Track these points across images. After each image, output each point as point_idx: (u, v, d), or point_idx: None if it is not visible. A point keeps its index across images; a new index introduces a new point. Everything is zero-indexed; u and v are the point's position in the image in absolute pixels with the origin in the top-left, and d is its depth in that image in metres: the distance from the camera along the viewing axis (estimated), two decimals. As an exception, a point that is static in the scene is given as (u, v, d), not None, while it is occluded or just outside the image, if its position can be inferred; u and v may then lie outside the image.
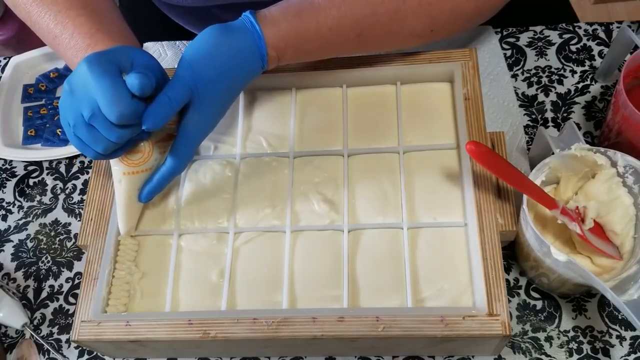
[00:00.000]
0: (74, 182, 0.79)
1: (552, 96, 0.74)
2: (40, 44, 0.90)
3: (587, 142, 0.60)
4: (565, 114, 0.73)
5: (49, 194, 0.79)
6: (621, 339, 0.61)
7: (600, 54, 0.76)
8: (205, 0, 0.74)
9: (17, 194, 0.80)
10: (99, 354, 0.68)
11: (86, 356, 0.68)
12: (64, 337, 0.70)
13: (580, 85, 0.75)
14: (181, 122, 0.58)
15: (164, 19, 0.87)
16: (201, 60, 0.56)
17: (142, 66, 0.54)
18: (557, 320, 0.63)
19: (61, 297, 0.72)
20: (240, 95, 0.70)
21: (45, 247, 0.76)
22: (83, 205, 0.76)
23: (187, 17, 0.83)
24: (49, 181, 0.80)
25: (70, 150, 0.79)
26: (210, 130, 0.60)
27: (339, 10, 0.59)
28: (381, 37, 0.62)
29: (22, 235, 0.77)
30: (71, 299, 0.72)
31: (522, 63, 0.77)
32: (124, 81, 0.52)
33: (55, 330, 0.71)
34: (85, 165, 0.80)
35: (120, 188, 0.61)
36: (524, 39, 0.78)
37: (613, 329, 0.62)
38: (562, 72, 0.76)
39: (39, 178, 0.80)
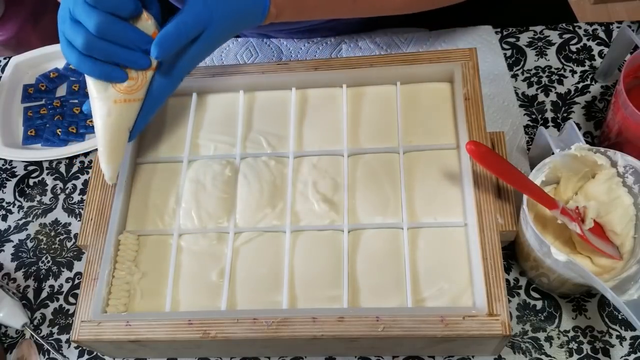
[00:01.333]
0: (74, 182, 0.79)
1: (552, 96, 0.74)
2: (40, 44, 0.90)
3: (587, 142, 0.60)
4: (565, 114, 0.73)
5: (49, 194, 0.79)
6: (621, 339, 0.61)
7: (600, 54, 0.76)
8: None
9: (17, 194, 0.80)
10: (99, 354, 0.68)
11: (86, 356, 0.68)
12: (64, 337, 0.70)
13: (580, 85, 0.75)
14: (185, 52, 0.56)
15: (168, 4, 0.86)
16: None
17: None
18: (557, 320, 0.63)
19: (61, 297, 0.72)
20: (240, 95, 0.70)
21: (45, 247, 0.76)
22: (83, 205, 0.76)
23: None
24: (49, 181, 0.80)
25: (70, 150, 0.79)
26: (198, 64, 0.59)
27: None
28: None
29: (22, 235, 0.77)
30: (71, 299, 0.72)
31: (522, 63, 0.77)
32: None
33: (55, 330, 0.71)
34: (85, 165, 0.80)
35: (109, 120, 0.56)
36: (524, 39, 0.78)
37: (613, 329, 0.62)
38: (562, 72, 0.76)
39: (39, 178, 0.80)
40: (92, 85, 0.56)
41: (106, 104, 0.56)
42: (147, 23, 0.55)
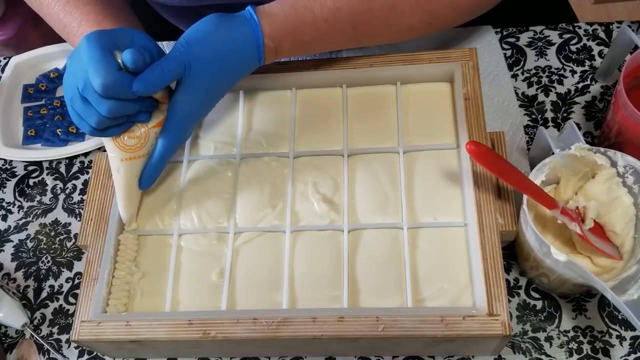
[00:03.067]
0: (74, 182, 0.79)
1: (552, 96, 0.74)
2: (40, 44, 0.90)
3: (587, 142, 0.60)
4: (565, 114, 0.73)
5: (49, 194, 0.79)
6: (621, 339, 0.61)
7: (600, 54, 0.76)
8: (193, 0, 0.73)
9: (17, 194, 0.80)
10: (99, 354, 0.68)
11: (86, 356, 0.68)
12: (64, 337, 0.70)
13: (580, 85, 0.75)
14: (170, 101, 0.59)
15: (161, 18, 0.87)
16: (198, 39, 0.58)
17: (140, 46, 0.56)
18: (557, 320, 0.63)
19: (61, 297, 0.72)
20: (240, 95, 0.70)
21: (45, 247, 0.76)
22: (83, 205, 0.76)
23: (179, 18, 0.83)
24: (49, 181, 0.80)
25: (70, 150, 0.79)
26: (199, 114, 0.61)
27: (334, 2, 0.60)
28: (378, 31, 0.63)
29: (22, 235, 0.77)
30: (71, 299, 0.72)
31: (522, 63, 0.77)
32: (112, 55, 0.55)
33: (55, 330, 0.71)
34: (85, 165, 0.80)
35: (119, 176, 0.61)
36: (524, 39, 0.78)
37: (613, 329, 0.62)
38: (562, 72, 0.76)
39: (39, 178, 0.80)
40: (104, 143, 0.61)
41: (115, 161, 0.61)
42: None
